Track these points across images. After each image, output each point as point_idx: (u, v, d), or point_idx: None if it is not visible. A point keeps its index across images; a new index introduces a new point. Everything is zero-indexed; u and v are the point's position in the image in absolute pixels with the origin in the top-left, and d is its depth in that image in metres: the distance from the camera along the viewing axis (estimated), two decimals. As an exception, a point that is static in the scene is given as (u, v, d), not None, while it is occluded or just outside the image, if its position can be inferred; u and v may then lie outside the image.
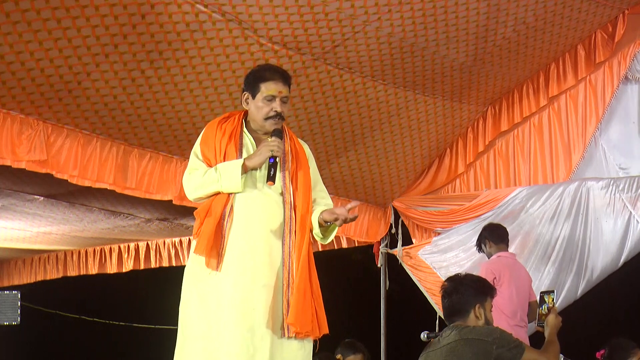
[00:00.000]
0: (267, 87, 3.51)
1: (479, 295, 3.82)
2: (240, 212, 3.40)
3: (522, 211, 6.89)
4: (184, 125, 5.75)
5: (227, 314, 3.31)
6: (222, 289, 3.33)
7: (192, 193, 3.49)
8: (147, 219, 8.47)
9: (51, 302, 11.96)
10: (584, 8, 6.22)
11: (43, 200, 7.57)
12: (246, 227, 3.39)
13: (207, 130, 3.56)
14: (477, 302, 3.79)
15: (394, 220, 7.82)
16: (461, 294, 3.82)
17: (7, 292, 9.15)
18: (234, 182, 3.38)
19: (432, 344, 3.85)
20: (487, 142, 7.26)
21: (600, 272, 6.58)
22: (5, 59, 4.70)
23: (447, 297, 3.87)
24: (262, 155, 3.41)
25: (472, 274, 4.19)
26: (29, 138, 5.16)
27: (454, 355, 3.60)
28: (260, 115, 3.52)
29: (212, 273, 3.35)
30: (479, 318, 3.77)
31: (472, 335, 3.63)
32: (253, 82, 3.55)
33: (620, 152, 6.63)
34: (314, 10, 5.19)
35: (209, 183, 3.41)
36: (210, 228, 3.35)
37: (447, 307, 3.87)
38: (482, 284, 3.93)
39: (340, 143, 6.72)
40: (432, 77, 6.36)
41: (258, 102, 3.52)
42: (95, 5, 4.60)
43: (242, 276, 3.34)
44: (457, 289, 3.84)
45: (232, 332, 3.29)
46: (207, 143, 3.51)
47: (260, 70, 3.61)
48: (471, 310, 3.78)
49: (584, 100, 6.75)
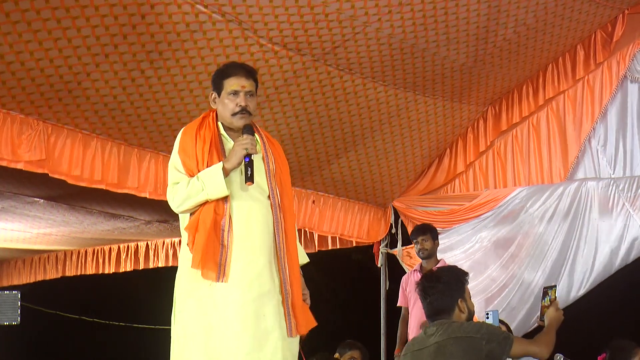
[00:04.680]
0: (230, 83, 3.51)
1: (458, 289, 3.79)
2: (238, 221, 3.39)
3: (521, 211, 6.90)
4: (184, 125, 5.72)
5: (233, 324, 3.29)
6: (229, 299, 3.32)
7: (179, 207, 3.41)
8: (147, 221, 8.47)
9: (51, 302, 11.96)
10: (584, 9, 6.22)
11: (43, 203, 7.57)
12: (246, 236, 3.39)
13: (185, 139, 3.50)
14: (458, 297, 3.77)
15: (394, 220, 7.83)
16: (441, 293, 3.77)
17: (7, 292, 9.14)
18: (219, 188, 3.34)
19: (417, 342, 3.80)
20: (487, 142, 7.26)
21: (600, 273, 6.58)
22: (5, 59, 4.69)
23: (427, 297, 3.81)
24: (237, 154, 3.39)
25: (444, 268, 4.16)
26: (29, 138, 5.16)
27: (443, 354, 3.57)
28: (227, 112, 3.51)
29: (213, 284, 3.32)
30: (462, 311, 3.75)
31: (460, 333, 3.60)
32: (217, 80, 3.55)
33: (615, 152, 6.62)
34: (314, 11, 5.19)
35: (194, 193, 3.36)
36: (204, 241, 3.32)
37: (429, 306, 3.82)
38: (457, 276, 3.86)
39: (340, 143, 6.72)
40: (432, 78, 6.36)
41: (224, 100, 3.52)
42: (95, 5, 4.60)
43: (249, 285, 3.34)
44: (436, 287, 3.79)
45: (240, 341, 3.28)
46: (187, 153, 3.46)
47: (223, 68, 3.61)
48: (455, 306, 3.75)
49: (582, 100, 6.74)
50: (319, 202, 7.36)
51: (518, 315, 6.78)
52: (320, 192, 7.33)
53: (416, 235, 6.52)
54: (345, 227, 7.63)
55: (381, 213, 7.88)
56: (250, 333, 3.29)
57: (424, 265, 6.50)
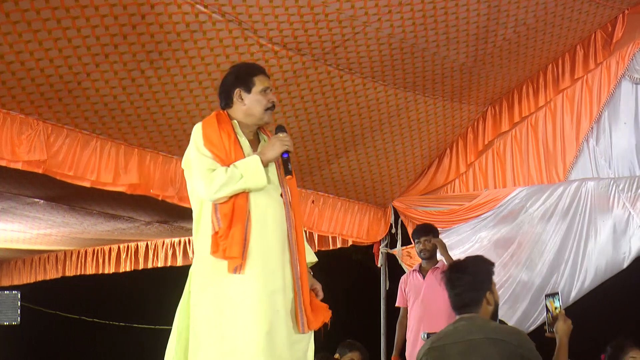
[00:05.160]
0: (261, 80, 3.62)
1: (485, 281, 3.66)
2: (255, 216, 3.41)
3: (521, 211, 6.90)
4: (184, 125, 5.75)
5: (246, 316, 3.31)
6: (244, 292, 3.33)
7: (216, 192, 3.37)
8: (147, 222, 8.46)
9: (51, 302, 11.95)
10: (584, 9, 6.21)
11: (43, 204, 7.56)
12: (262, 230, 3.42)
13: (208, 131, 3.50)
14: (487, 290, 3.64)
15: (394, 220, 7.83)
16: (469, 284, 3.63)
17: (7, 292, 9.15)
18: (258, 177, 3.39)
19: (446, 335, 3.64)
20: (487, 142, 7.26)
21: (600, 273, 6.57)
22: (5, 59, 4.70)
23: (455, 288, 3.66)
24: (276, 149, 3.49)
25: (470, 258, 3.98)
26: (29, 138, 5.16)
27: (479, 353, 3.46)
28: (260, 108, 3.59)
29: (230, 276, 3.34)
30: (490, 304, 3.64)
31: (496, 335, 3.49)
32: (246, 77, 3.62)
33: (615, 152, 6.62)
34: (314, 11, 5.19)
35: (234, 181, 3.36)
36: (241, 232, 3.34)
37: (456, 298, 3.66)
38: (485, 266, 3.74)
39: (340, 143, 6.72)
40: (432, 77, 6.36)
41: (256, 95, 3.59)
42: (95, 6, 4.60)
43: (265, 279, 3.36)
44: (463, 278, 3.65)
45: (252, 333, 3.30)
46: (214, 144, 3.46)
47: (249, 65, 3.74)
48: (483, 298, 3.62)
49: (580, 100, 6.73)
50: (319, 202, 7.36)
51: (515, 315, 6.78)
52: (320, 192, 7.33)
53: (418, 235, 6.49)
54: (345, 227, 7.64)
55: (381, 213, 7.88)
56: (266, 329, 3.31)
57: (423, 265, 6.49)
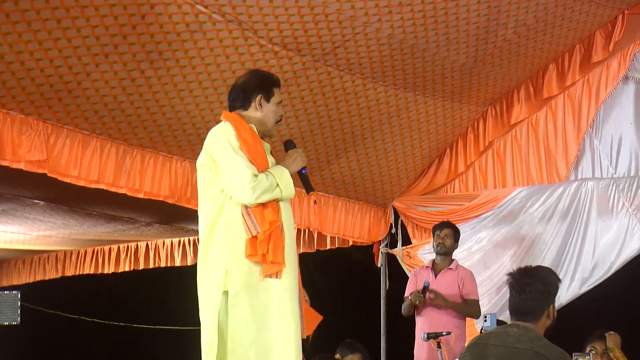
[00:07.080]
0: (279, 92, 3.63)
1: (552, 294, 3.54)
2: (285, 223, 3.45)
3: (521, 211, 6.90)
4: (184, 125, 5.75)
5: (285, 322, 3.36)
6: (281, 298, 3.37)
7: (258, 197, 3.34)
8: (148, 223, 8.45)
9: (51, 302, 11.95)
10: (584, 9, 6.22)
11: (43, 205, 7.55)
12: (289, 237, 3.46)
13: (242, 132, 3.44)
14: (551, 303, 3.53)
15: (394, 220, 7.83)
16: (538, 292, 3.49)
17: (7, 292, 9.13)
18: (292, 189, 3.44)
19: (495, 336, 3.54)
20: (487, 142, 7.27)
21: (599, 273, 6.58)
22: (5, 59, 4.70)
23: (518, 294, 3.51)
24: (298, 164, 3.52)
25: (543, 268, 3.82)
26: (29, 138, 5.16)
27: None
28: (273, 119, 3.59)
29: (265, 280, 3.36)
30: (549, 318, 3.53)
31: (544, 351, 3.37)
32: (269, 87, 3.60)
33: (615, 152, 6.62)
34: (314, 11, 5.19)
35: (272, 188, 3.38)
36: (281, 238, 3.38)
37: (521, 303, 3.51)
38: (555, 280, 3.60)
39: (340, 144, 6.72)
40: (432, 78, 6.37)
41: (272, 106, 3.59)
42: (95, 6, 4.60)
43: (296, 284, 3.44)
44: (533, 285, 3.50)
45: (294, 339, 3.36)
46: (247, 144, 3.42)
47: (271, 75, 3.70)
48: (545, 310, 3.50)
49: (581, 100, 6.74)
50: (320, 202, 7.36)
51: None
52: (320, 192, 7.33)
53: (440, 228, 6.32)
54: (345, 227, 7.64)
55: (381, 213, 7.88)
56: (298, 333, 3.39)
57: (437, 262, 6.33)
